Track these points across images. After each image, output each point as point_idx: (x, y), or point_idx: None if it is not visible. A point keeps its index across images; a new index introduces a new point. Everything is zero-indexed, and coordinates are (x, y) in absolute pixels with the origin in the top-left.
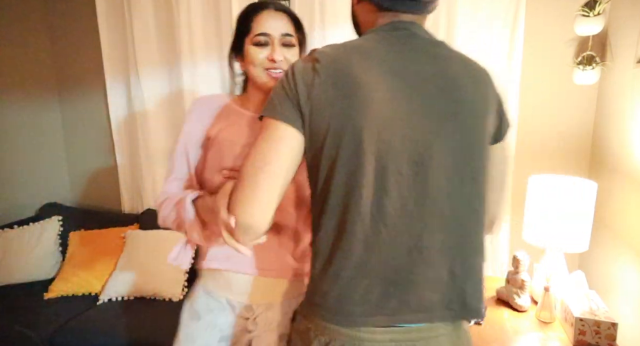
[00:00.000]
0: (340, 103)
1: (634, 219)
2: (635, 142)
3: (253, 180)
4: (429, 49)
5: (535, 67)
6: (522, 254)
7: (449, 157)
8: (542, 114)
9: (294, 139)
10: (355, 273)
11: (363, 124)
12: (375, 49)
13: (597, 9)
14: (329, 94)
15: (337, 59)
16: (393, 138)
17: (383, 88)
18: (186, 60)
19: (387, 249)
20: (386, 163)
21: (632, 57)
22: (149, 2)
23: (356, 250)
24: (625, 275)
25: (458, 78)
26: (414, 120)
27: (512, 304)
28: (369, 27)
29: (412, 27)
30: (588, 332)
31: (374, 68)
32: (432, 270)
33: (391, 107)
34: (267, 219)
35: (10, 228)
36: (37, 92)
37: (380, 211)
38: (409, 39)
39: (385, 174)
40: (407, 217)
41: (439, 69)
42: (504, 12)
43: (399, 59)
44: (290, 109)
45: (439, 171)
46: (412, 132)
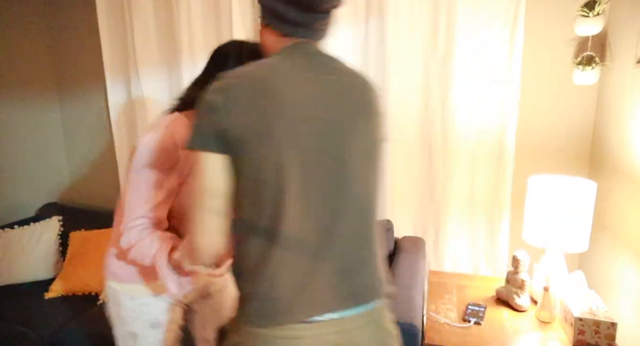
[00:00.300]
0: (257, 110)
1: (633, 219)
2: (635, 142)
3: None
4: (327, 63)
5: (535, 67)
6: (522, 254)
7: (359, 152)
8: (542, 114)
9: (220, 163)
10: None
11: (282, 125)
12: (282, 63)
13: (596, 9)
14: (245, 107)
15: (249, 75)
16: (309, 136)
17: (294, 93)
18: (186, 60)
19: (308, 242)
20: (305, 160)
21: (632, 57)
22: (149, 2)
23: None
24: (625, 275)
25: (354, 85)
26: (327, 120)
27: (511, 304)
28: (274, 52)
29: (310, 48)
30: (587, 332)
31: (283, 78)
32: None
33: (304, 109)
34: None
35: (10, 228)
36: (37, 92)
37: (304, 208)
38: (308, 55)
39: (305, 171)
40: (324, 208)
41: (338, 78)
42: (504, 12)
43: (303, 70)
44: (212, 136)
45: (352, 164)
46: (326, 130)
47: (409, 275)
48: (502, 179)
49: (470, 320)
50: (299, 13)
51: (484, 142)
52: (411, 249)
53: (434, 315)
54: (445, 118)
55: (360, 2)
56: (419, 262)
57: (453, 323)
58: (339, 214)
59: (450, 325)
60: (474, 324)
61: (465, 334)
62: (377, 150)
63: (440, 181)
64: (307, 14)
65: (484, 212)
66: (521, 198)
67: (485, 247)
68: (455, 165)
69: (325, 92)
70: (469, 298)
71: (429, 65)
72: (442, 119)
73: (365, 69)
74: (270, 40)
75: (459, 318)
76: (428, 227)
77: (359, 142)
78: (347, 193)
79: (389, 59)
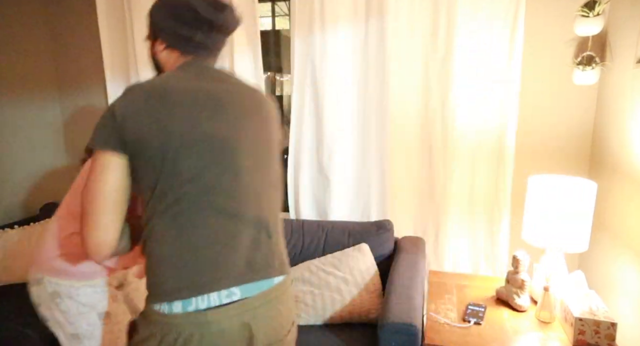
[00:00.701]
0: (154, 114)
1: (633, 219)
2: (635, 142)
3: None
4: (221, 77)
5: (535, 67)
6: (522, 254)
7: (250, 148)
8: (542, 114)
9: (119, 162)
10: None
11: (177, 126)
12: (179, 75)
13: (596, 10)
14: (143, 112)
15: (148, 84)
16: (204, 135)
17: (189, 98)
18: None
19: (216, 229)
20: (200, 155)
21: (632, 57)
22: (148, 2)
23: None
24: (625, 275)
25: (245, 93)
26: (219, 120)
27: (511, 304)
28: (172, 67)
29: (206, 64)
30: (587, 332)
31: (179, 87)
32: (250, 241)
33: (198, 112)
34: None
35: (10, 228)
36: (37, 92)
37: (204, 196)
38: (204, 69)
39: (206, 165)
40: (222, 196)
41: (233, 89)
42: (504, 12)
43: (198, 80)
44: (113, 137)
45: (245, 158)
46: (219, 129)
47: (409, 275)
48: (502, 179)
49: (470, 320)
50: (205, 35)
51: (484, 142)
52: (411, 249)
53: (434, 315)
54: (445, 118)
55: (360, 2)
56: (419, 262)
57: (453, 323)
58: (236, 202)
59: (450, 325)
60: (474, 324)
61: (465, 334)
62: (270, 147)
63: (440, 181)
64: (213, 36)
65: (484, 212)
66: (521, 198)
67: (485, 247)
68: (455, 165)
69: (219, 98)
70: (469, 298)
71: (429, 65)
72: (442, 119)
73: (365, 68)
74: (172, 58)
75: (459, 318)
76: (428, 227)
77: (250, 140)
78: (241, 183)
79: (389, 59)
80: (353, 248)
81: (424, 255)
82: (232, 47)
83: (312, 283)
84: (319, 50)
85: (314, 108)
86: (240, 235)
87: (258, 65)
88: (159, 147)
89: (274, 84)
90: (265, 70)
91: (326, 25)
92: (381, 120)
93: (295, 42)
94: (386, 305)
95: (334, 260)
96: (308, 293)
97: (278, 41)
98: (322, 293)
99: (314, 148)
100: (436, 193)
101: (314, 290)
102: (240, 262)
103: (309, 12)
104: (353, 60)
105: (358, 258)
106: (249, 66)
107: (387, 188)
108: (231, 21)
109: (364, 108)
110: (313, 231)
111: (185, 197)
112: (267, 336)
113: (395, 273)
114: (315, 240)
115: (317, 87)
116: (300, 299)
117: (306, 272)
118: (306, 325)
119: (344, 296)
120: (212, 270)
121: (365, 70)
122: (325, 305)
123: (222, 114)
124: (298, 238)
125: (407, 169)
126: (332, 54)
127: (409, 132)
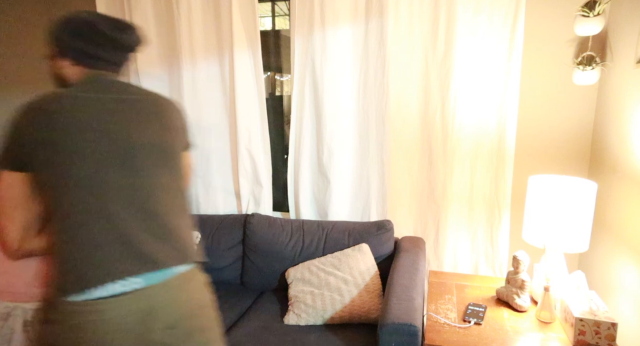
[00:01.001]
0: (55, 127)
1: (634, 219)
2: (635, 142)
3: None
4: (125, 88)
5: (535, 67)
6: (522, 254)
7: (151, 151)
8: (542, 114)
9: (19, 179)
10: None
11: (73, 137)
12: (82, 88)
13: (597, 9)
14: (44, 126)
15: (48, 98)
16: (104, 141)
17: (92, 110)
18: (186, 60)
19: (111, 226)
20: (96, 160)
21: (632, 57)
22: (149, 2)
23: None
24: (625, 275)
25: (149, 101)
26: (120, 126)
27: (512, 304)
28: (75, 80)
29: (109, 76)
30: (588, 332)
31: (82, 99)
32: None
33: (100, 123)
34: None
35: None
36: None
37: (101, 196)
38: (108, 82)
39: (98, 168)
40: (122, 196)
41: (136, 98)
42: (504, 12)
43: (101, 92)
44: (11, 157)
45: (144, 161)
46: (119, 134)
47: (409, 275)
48: (502, 179)
49: (470, 320)
50: (109, 53)
51: (484, 142)
52: (411, 249)
53: (434, 315)
54: (445, 118)
55: (360, 2)
56: (419, 262)
57: (453, 323)
58: (131, 200)
59: (450, 325)
60: (474, 324)
61: (465, 334)
62: (169, 149)
63: (440, 181)
64: (118, 53)
65: (484, 212)
66: (521, 198)
67: (486, 247)
68: (455, 165)
69: (120, 107)
70: (469, 298)
71: (429, 65)
72: (442, 119)
73: (365, 68)
74: (75, 73)
75: (459, 318)
76: (428, 227)
77: (148, 143)
78: (139, 183)
79: (389, 59)
80: (353, 248)
81: (424, 255)
82: (232, 47)
83: (312, 283)
84: (319, 50)
85: (314, 108)
86: (136, 230)
87: (258, 65)
88: (52, 155)
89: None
90: (265, 70)
91: (326, 25)
92: (381, 120)
93: (295, 42)
94: (386, 305)
95: (334, 260)
96: (308, 293)
97: (278, 41)
98: (322, 293)
99: (314, 148)
100: (436, 193)
101: (314, 290)
102: (136, 254)
103: (309, 12)
104: (353, 60)
105: (358, 258)
106: (249, 66)
107: (387, 188)
108: (134, 40)
109: (364, 108)
110: (313, 231)
111: (80, 198)
112: (166, 322)
113: (395, 273)
114: (315, 240)
115: (317, 87)
116: (300, 299)
117: (306, 272)
118: (306, 325)
119: (344, 296)
120: (108, 262)
121: (365, 70)
122: (325, 305)
123: (120, 121)
124: (298, 238)
125: (407, 169)
126: (332, 54)
127: (409, 132)
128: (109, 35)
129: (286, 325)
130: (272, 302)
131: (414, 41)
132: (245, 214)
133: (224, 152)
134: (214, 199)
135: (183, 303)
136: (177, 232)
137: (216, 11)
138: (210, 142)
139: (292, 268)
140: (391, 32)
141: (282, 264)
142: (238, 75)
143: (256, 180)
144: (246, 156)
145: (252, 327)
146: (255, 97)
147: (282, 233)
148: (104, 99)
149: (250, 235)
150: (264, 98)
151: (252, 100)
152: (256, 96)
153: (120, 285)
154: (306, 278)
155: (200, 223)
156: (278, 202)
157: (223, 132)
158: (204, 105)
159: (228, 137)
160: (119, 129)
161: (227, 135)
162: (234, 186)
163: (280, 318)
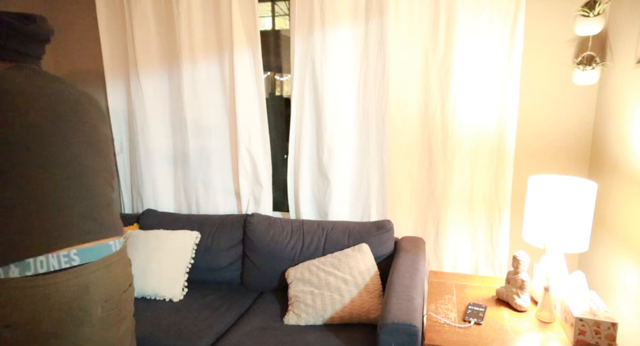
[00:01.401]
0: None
1: (634, 219)
2: (635, 142)
3: None
4: (48, 77)
5: (535, 67)
6: (522, 254)
7: (78, 137)
8: (541, 114)
9: None
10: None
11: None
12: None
13: (597, 9)
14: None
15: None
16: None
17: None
18: (186, 60)
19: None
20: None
21: (632, 57)
22: (148, 2)
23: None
24: (625, 275)
25: (72, 95)
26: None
27: (512, 304)
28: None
29: (33, 67)
30: (588, 332)
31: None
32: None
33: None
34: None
35: None
36: None
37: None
38: (34, 72)
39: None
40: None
41: (59, 89)
42: (504, 12)
43: (30, 81)
44: None
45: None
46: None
47: (409, 275)
48: (502, 179)
49: (470, 320)
50: (31, 46)
51: (483, 142)
52: (411, 249)
53: (434, 315)
54: (445, 118)
55: (360, 2)
56: (419, 262)
57: (453, 323)
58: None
59: (450, 325)
60: (474, 324)
61: (465, 334)
62: (98, 137)
63: (440, 181)
64: (39, 46)
65: (484, 212)
66: (521, 198)
67: (486, 247)
68: (455, 165)
69: (50, 96)
70: (469, 298)
71: (429, 65)
72: (442, 119)
73: (365, 68)
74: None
75: (459, 318)
76: (428, 227)
77: (78, 130)
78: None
79: (389, 59)
80: (353, 248)
81: (424, 255)
82: (232, 46)
83: (312, 283)
84: (319, 50)
85: (314, 108)
86: (71, 207)
87: (258, 65)
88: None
89: (274, 84)
90: (265, 70)
91: (326, 25)
92: (381, 120)
93: (295, 42)
94: (386, 305)
95: (334, 260)
96: (308, 293)
97: (278, 41)
98: (322, 293)
99: (314, 148)
100: (436, 193)
101: (314, 290)
102: (73, 228)
103: (309, 12)
104: (353, 60)
105: (358, 258)
106: (249, 66)
107: (387, 188)
108: (43, 31)
109: (364, 108)
110: (313, 231)
111: (16, 177)
112: (104, 295)
113: (395, 273)
114: (315, 240)
115: (317, 87)
116: (300, 299)
117: (306, 272)
118: (306, 325)
119: (344, 297)
120: (45, 235)
121: (365, 70)
122: (325, 305)
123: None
124: (298, 238)
125: (407, 169)
126: (332, 54)
127: (409, 132)
128: (24, 30)
129: (286, 325)
130: (272, 302)
131: (414, 41)
132: (245, 214)
133: (224, 152)
134: (214, 199)
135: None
136: (107, 208)
137: (216, 11)
138: (210, 142)
139: (292, 268)
140: (391, 32)
141: (282, 264)
142: (238, 75)
143: (256, 180)
144: (246, 156)
145: (252, 327)
146: (255, 97)
147: (282, 233)
148: (36, 84)
149: (250, 235)
150: (264, 98)
151: (252, 100)
152: (256, 96)
153: (56, 261)
154: (306, 278)
155: (200, 223)
156: (278, 202)
157: (223, 132)
158: (204, 105)
159: (228, 137)
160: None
161: (227, 135)
162: (234, 186)
163: (280, 318)
